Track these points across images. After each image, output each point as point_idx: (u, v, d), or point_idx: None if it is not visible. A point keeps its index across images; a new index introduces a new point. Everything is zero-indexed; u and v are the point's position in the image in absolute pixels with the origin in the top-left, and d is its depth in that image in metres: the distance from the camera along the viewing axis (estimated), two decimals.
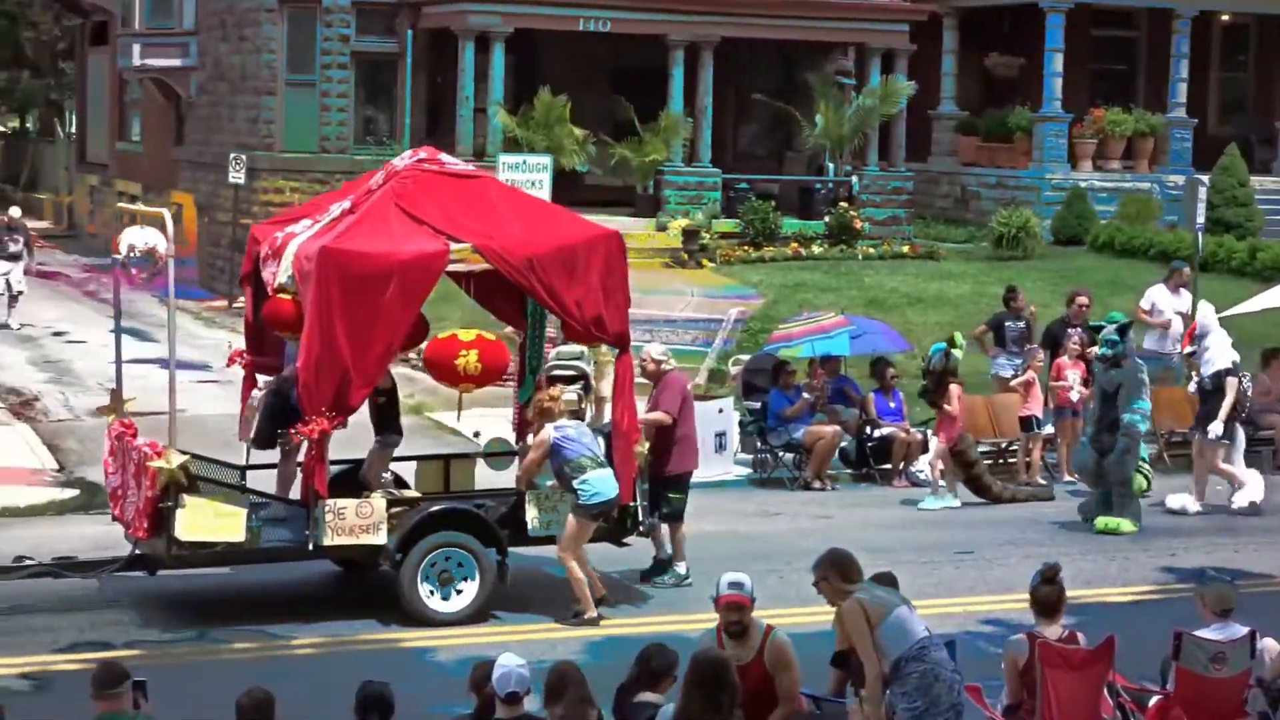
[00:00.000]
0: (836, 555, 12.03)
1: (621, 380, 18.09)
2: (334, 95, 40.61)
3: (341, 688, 11.73)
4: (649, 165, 39.56)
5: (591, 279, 17.68)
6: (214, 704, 12.79)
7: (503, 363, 18.44)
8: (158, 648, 16.44)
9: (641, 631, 16.21)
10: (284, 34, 40.52)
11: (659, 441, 18.87)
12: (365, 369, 16.97)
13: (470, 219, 17.56)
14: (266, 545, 17.18)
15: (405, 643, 16.85)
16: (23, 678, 15.54)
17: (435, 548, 17.27)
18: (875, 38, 41.61)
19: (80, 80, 57.20)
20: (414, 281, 17.04)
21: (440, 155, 18.48)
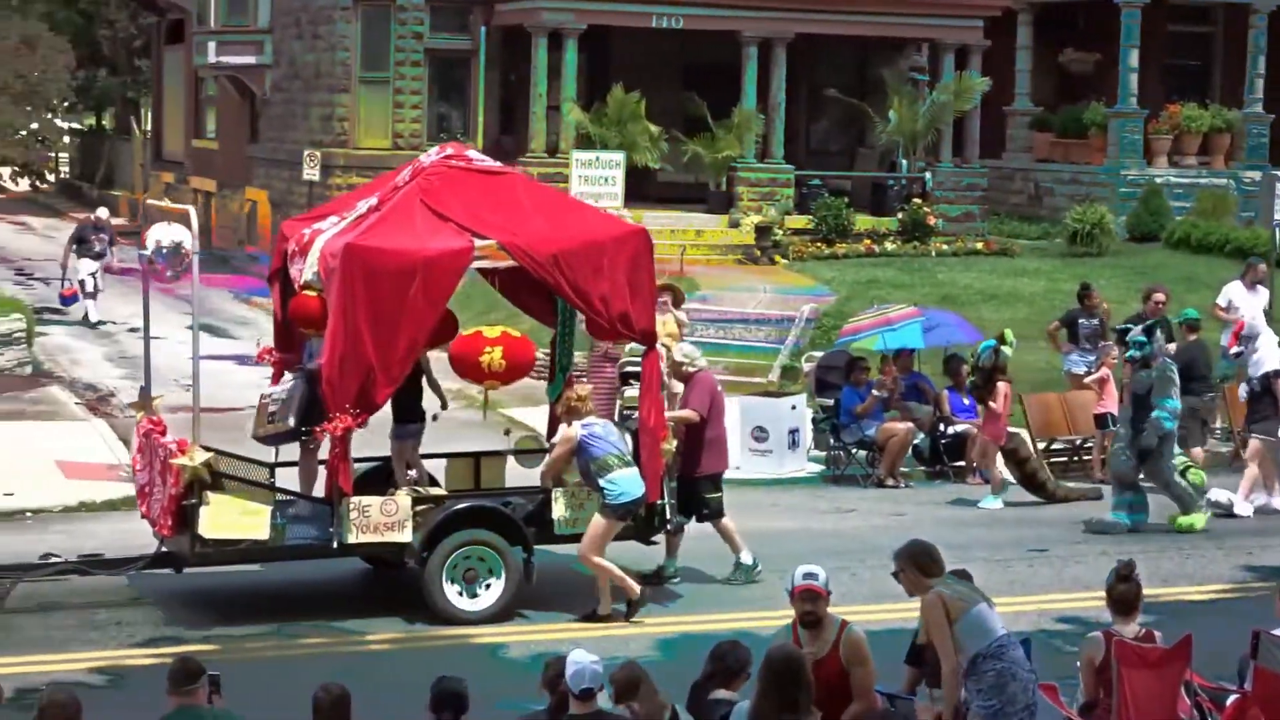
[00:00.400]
0: (915, 548, 11.97)
1: (648, 378, 17.92)
2: (407, 92, 40.71)
3: (415, 684, 11.76)
4: (722, 162, 39.51)
5: (618, 275, 17.56)
6: (287, 700, 12.84)
7: (528, 359, 18.21)
8: (232, 643, 16.49)
9: (712, 629, 16.17)
10: (358, 31, 40.66)
11: (689, 442, 18.79)
12: (390, 366, 16.89)
13: (496, 215, 17.46)
14: (291, 543, 17.14)
15: (478, 639, 16.85)
16: (97, 672, 15.60)
17: (460, 546, 17.19)
18: (949, 33, 41.44)
19: (156, 78, 57.53)
20: (438, 278, 16.97)
21: (467, 151, 18.46)
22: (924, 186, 40.79)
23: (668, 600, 18.25)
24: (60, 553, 17.90)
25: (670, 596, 18.39)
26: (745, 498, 23.14)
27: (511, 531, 17.43)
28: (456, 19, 41.04)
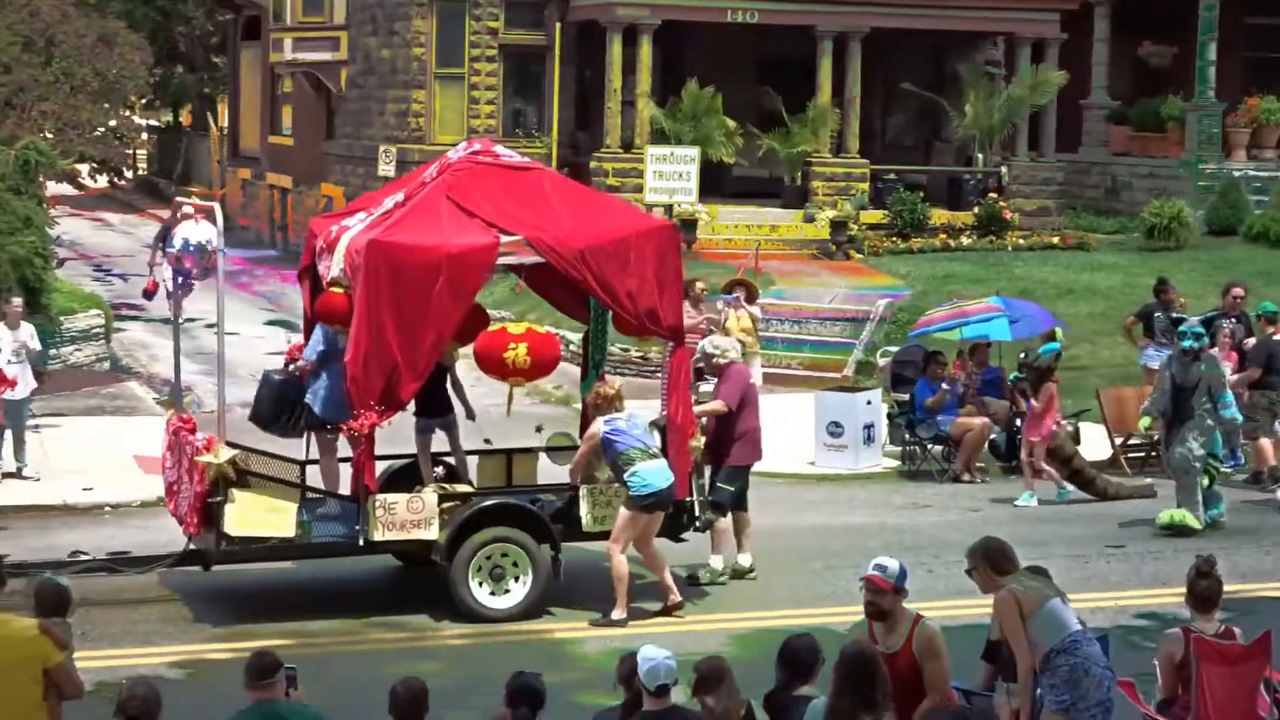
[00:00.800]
0: (989, 544, 11.92)
1: (675, 374, 17.85)
2: (482, 88, 40.82)
3: (490, 678, 11.78)
4: (797, 156, 39.47)
5: (645, 271, 17.43)
6: (364, 694, 12.90)
7: (553, 356, 17.82)
8: (308, 637, 16.58)
9: (787, 625, 16.13)
10: (433, 27, 40.79)
11: (720, 435, 18.66)
12: (415, 362, 16.83)
13: (522, 211, 17.37)
14: (317, 540, 17.10)
15: (554, 634, 16.90)
16: (176, 666, 15.72)
17: (487, 543, 17.12)
18: (1025, 27, 41.28)
19: (232, 74, 57.84)
20: (463, 274, 16.90)
21: (495, 147, 18.34)
22: (1000, 181, 40.64)
23: (743, 595, 18.24)
24: (124, 549, 18.09)
25: (746, 591, 18.38)
26: (821, 493, 23.17)
27: (538, 529, 17.36)
28: (531, 14, 41.11)
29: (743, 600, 18.10)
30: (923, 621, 11.64)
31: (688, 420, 17.75)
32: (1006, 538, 12.19)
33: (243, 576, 18.08)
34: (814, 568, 19.27)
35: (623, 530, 17.02)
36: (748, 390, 19.03)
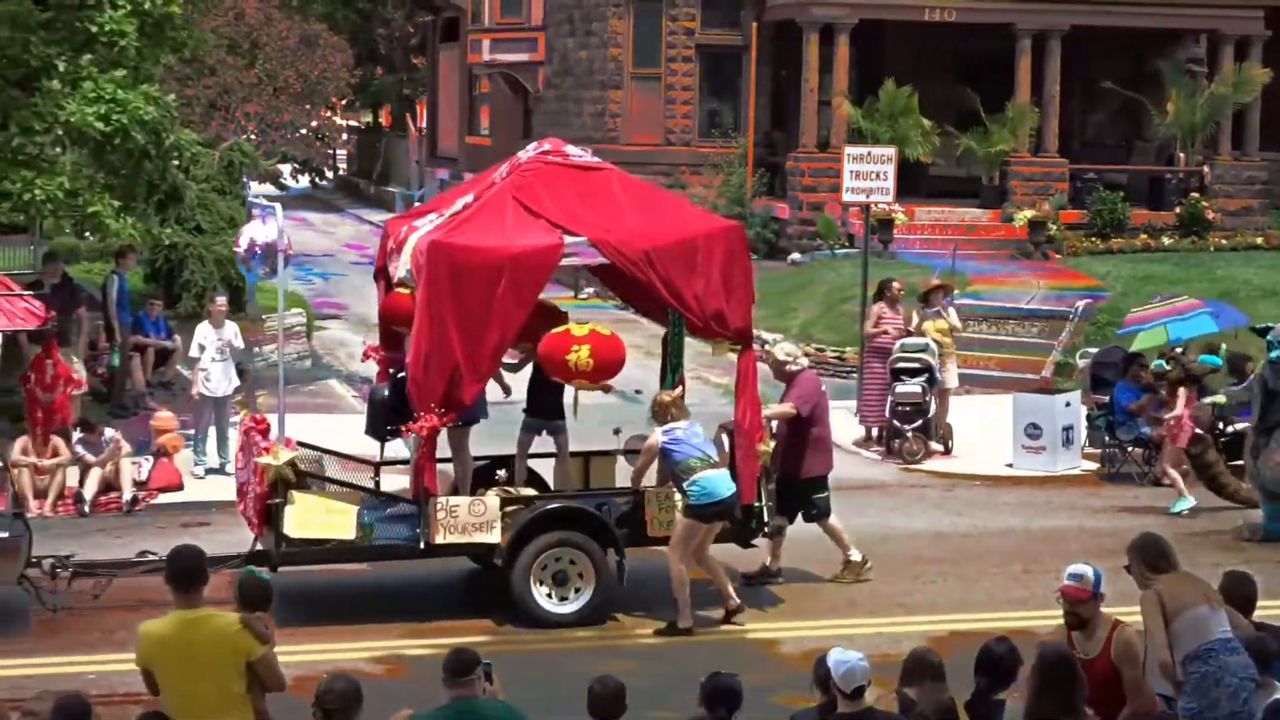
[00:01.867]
0: (1145, 541, 11.76)
1: (743, 378, 17.44)
2: (678, 88, 40.92)
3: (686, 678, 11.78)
4: (995, 156, 39.16)
5: (712, 273, 17.16)
6: (561, 692, 12.94)
7: (617, 358, 17.23)
8: (506, 634, 16.69)
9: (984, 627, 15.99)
10: (630, 28, 40.94)
11: (792, 442, 18.43)
12: (477, 364, 16.68)
13: (589, 212, 17.17)
14: (379, 543, 17.06)
15: (752, 634, 16.89)
16: (376, 661, 15.90)
17: (549, 548, 16.95)
18: (1228, 24, 40.64)
19: (431, 75, 58.40)
20: (526, 275, 16.70)
21: (565, 147, 18.16)
22: (1202, 180, 40.05)
23: (938, 598, 18.12)
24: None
25: (944, 594, 18.26)
26: (1018, 495, 22.95)
27: (602, 534, 17.16)
28: (727, 14, 41.13)
29: (941, 603, 17.98)
30: (1122, 627, 11.49)
31: (755, 425, 17.44)
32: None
33: (448, 570, 18.22)
34: (1012, 571, 19.10)
35: (682, 539, 16.82)
36: (819, 397, 18.76)
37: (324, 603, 17.58)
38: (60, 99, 22.28)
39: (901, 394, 24.60)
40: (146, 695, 10.97)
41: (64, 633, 16.63)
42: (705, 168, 40.23)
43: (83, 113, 22.05)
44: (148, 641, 10.55)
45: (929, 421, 24.70)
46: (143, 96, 22.56)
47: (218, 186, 34.03)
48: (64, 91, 22.38)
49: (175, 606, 10.60)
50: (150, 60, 23.59)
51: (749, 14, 40.73)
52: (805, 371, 18.89)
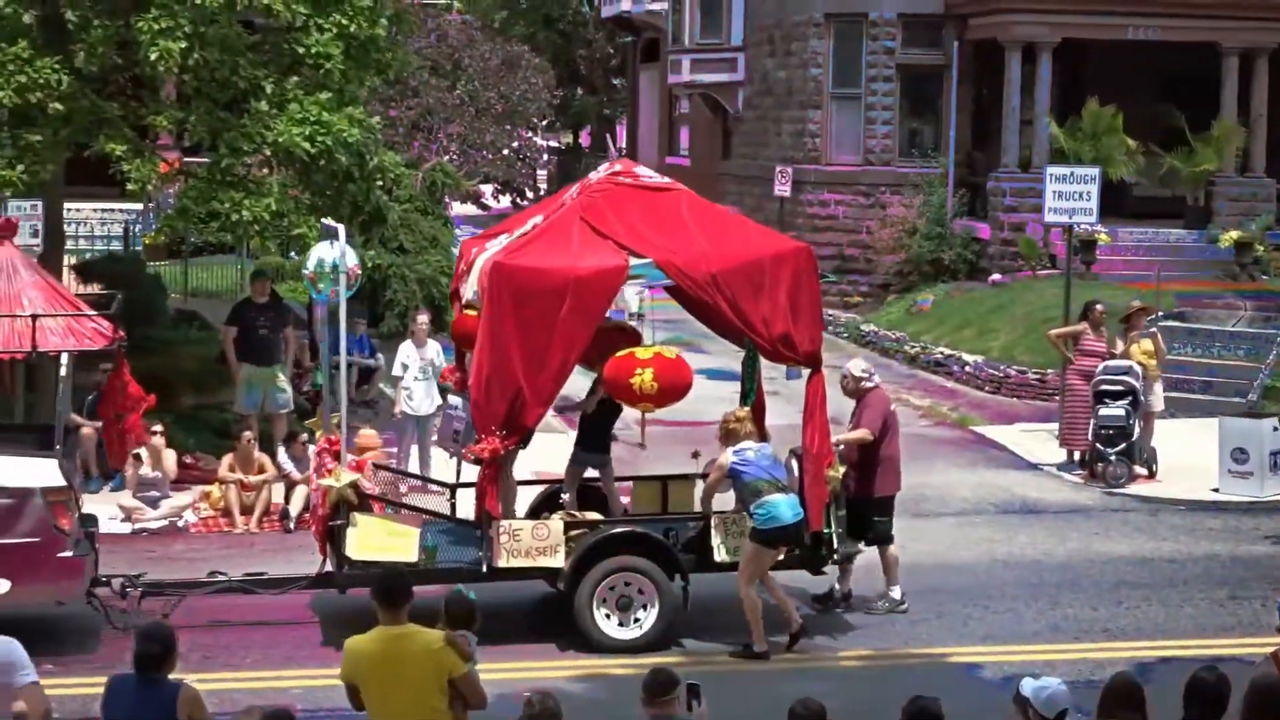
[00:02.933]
0: None
1: (812, 402, 17.16)
2: (879, 108, 40.74)
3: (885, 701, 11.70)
4: (1200, 175, 38.58)
5: (779, 295, 16.93)
6: (762, 714, 12.93)
7: (682, 382, 17.02)
8: (707, 655, 16.69)
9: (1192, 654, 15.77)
10: (830, 48, 40.86)
11: (862, 462, 18.15)
12: (540, 387, 16.50)
13: (656, 233, 16.98)
14: (442, 566, 16.92)
15: (953, 658, 16.78)
16: (578, 680, 15.96)
17: (612, 572, 16.77)
18: None
19: (631, 96, 58.66)
20: (590, 297, 16.53)
21: (636, 168, 18.05)
22: None
23: (1142, 623, 17.88)
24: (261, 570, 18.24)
25: (1144, 619, 18.01)
26: (1223, 521, 22.58)
27: (666, 559, 16.95)
28: (928, 34, 40.91)
29: (1145, 628, 17.74)
30: None
31: (824, 450, 17.19)
32: None
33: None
34: (1218, 597, 18.83)
35: (749, 565, 16.63)
36: (889, 416, 18.51)
37: (527, 619, 17.63)
38: (268, 121, 22.61)
39: (1105, 417, 24.30)
40: None
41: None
42: (905, 188, 40.04)
43: (290, 134, 22.36)
44: (353, 656, 10.68)
45: (1133, 445, 24.37)
46: (347, 118, 22.83)
47: (420, 207, 34.41)
48: (271, 113, 22.70)
49: (380, 622, 10.71)
50: (355, 82, 23.86)
51: (950, 33, 40.50)
52: (877, 390, 18.66)
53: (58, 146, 23.00)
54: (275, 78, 23.06)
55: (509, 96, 44.63)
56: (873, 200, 40.41)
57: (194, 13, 22.13)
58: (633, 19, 54.58)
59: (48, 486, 16.34)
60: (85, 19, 22.51)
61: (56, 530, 16.34)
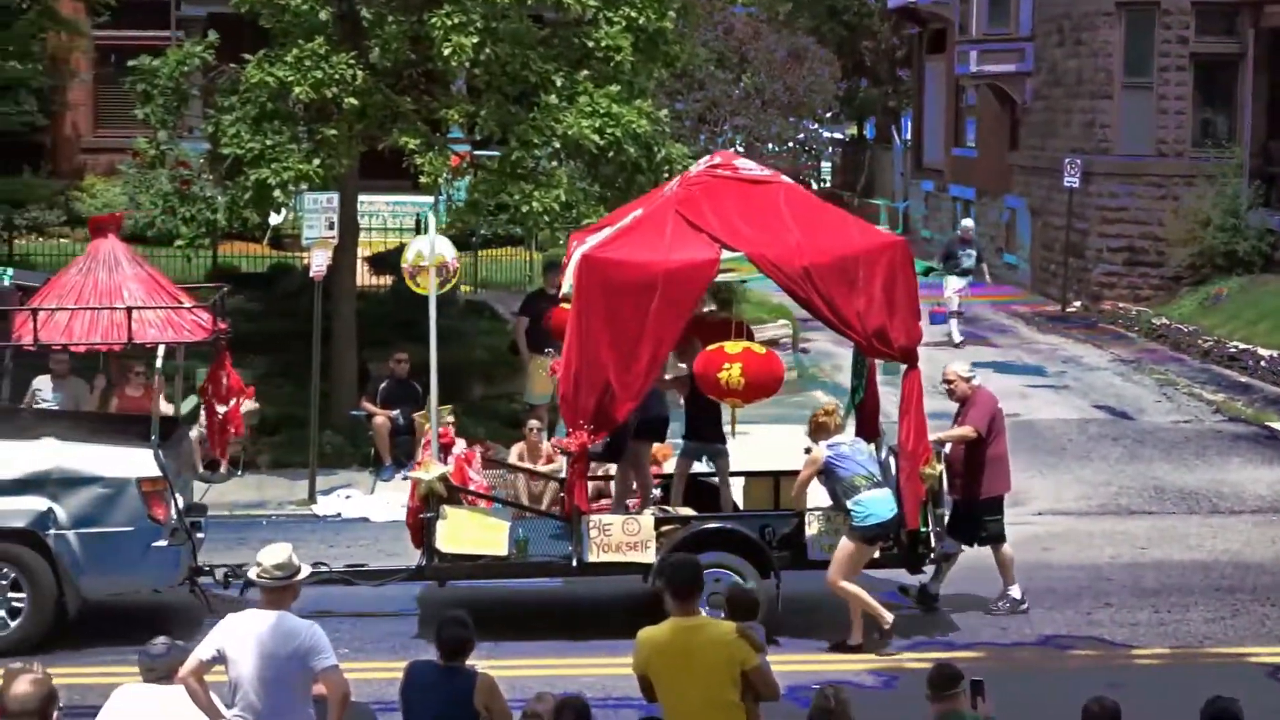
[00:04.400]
0: None
1: (908, 398, 16.79)
2: (1171, 98, 39.97)
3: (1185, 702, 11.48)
4: None
5: (873, 289, 16.61)
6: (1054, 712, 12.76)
7: (772, 377, 16.85)
8: (1000, 650, 16.52)
9: None
10: (1120, 37, 40.18)
11: (969, 463, 17.81)
12: (629, 382, 16.34)
13: (751, 227, 16.74)
14: (533, 560, 16.93)
15: (1253, 658, 16.43)
16: (873, 673, 15.90)
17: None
18: None
19: (917, 87, 58.22)
20: (680, 291, 16.36)
21: (735, 160, 17.77)
22: None
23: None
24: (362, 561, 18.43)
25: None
26: None
27: (757, 556, 16.67)
28: (1222, 22, 40.03)
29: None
30: None
31: (920, 447, 16.78)
32: None
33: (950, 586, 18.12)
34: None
35: (845, 562, 16.37)
36: (996, 415, 18.08)
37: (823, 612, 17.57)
38: (557, 113, 22.83)
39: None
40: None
41: None
42: (1198, 179, 39.24)
43: (579, 126, 22.57)
44: (645, 647, 10.71)
45: None
46: (636, 110, 22.98)
47: None
48: (561, 106, 22.92)
49: (673, 614, 10.72)
50: (643, 74, 24.02)
51: (1245, 21, 39.56)
52: (982, 389, 18.33)
53: (353, 140, 23.45)
54: (565, 71, 23.29)
55: (794, 88, 44.55)
56: (1165, 191, 39.66)
57: (486, 8, 22.45)
58: (919, 10, 54.15)
59: (143, 477, 16.64)
60: (380, 15, 22.93)
61: (151, 520, 16.64)
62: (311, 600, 17.23)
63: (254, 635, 10.51)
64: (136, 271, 17.71)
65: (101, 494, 16.52)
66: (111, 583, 16.88)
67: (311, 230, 23.11)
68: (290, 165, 22.48)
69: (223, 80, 24.27)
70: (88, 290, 17.36)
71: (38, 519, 16.40)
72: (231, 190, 23.36)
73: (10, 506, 16.44)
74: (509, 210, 23.52)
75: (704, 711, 10.55)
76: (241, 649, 10.49)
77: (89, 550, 16.46)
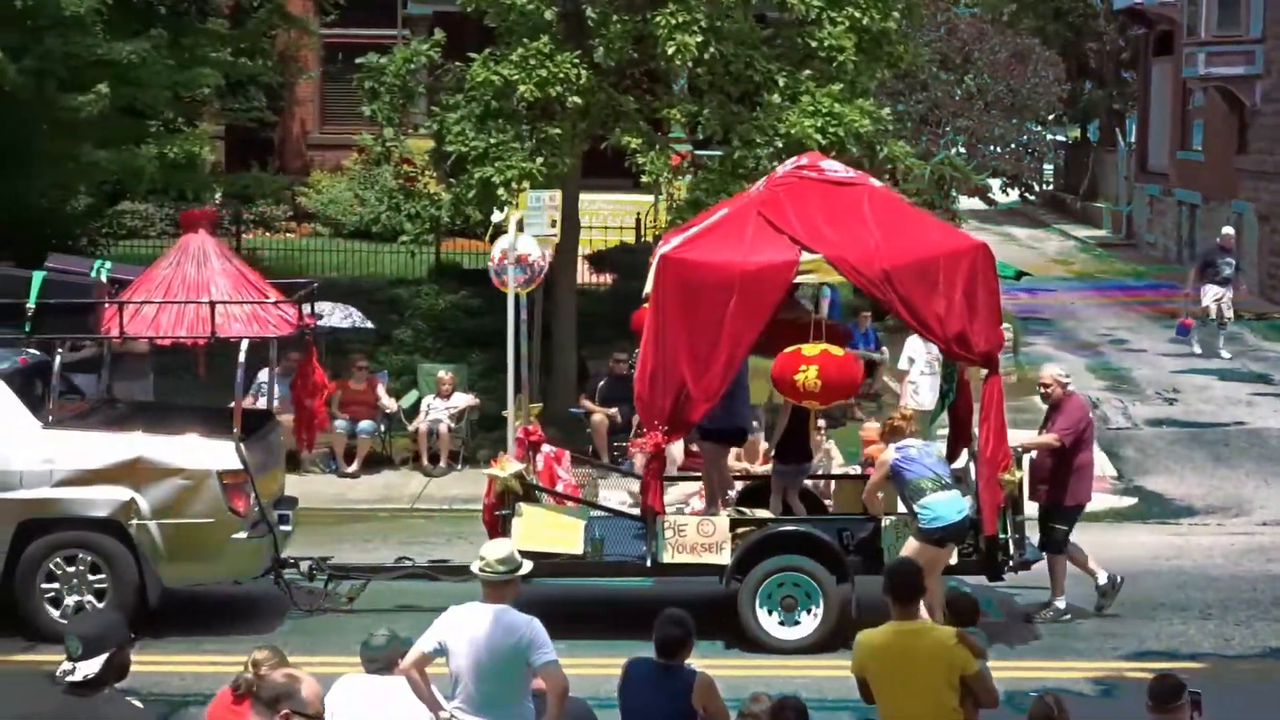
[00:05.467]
0: None
1: (988, 404, 16.50)
2: None
3: None
4: None
5: (954, 293, 16.32)
6: None
7: (848, 379, 16.88)
8: (1223, 662, 16.27)
9: None
10: None
11: (1055, 468, 17.52)
12: (706, 384, 16.24)
13: (832, 229, 16.54)
14: (608, 559, 16.92)
15: None
16: (1092, 681, 15.75)
17: (776, 571, 16.39)
18: None
19: (1142, 89, 57.47)
20: (758, 292, 16.19)
21: (822, 161, 17.54)
22: None
23: None
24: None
25: None
26: None
27: (832, 560, 16.51)
28: None
29: None
30: None
31: (999, 453, 16.46)
32: None
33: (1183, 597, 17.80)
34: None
35: None
36: (1085, 424, 17.77)
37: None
38: (780, 113, 22.82)
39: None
40: None
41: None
42: None
43: (802, 125, 22.55)
44: (864, 650, 10.66)
45: None
46: (858, 110, 22.92)
47: (929, 200, 34.27)
48: (783, 105, 22.91)
49: (894, 618, 10.66)
50: (866, 75, 23.93)
51: None
52: (1074, 397, 18.05)
53: (575, 139, 23.59)
54: (788, 71, 23.27)
55: (1018, 90, 44.14)
56: None
57: (710, 7, 22.51)
58: (1145, 11, 53.43)
59: (224, 469, 16.89)
60: (604, 14, 23.04)
61: (231, 512, 16.89)
62: (396, 594, 17.83)
63: (475, 629, 10.59)
64: (225, 266, 18.05)
65: (182, 485, 16.87)
66: (191, 572, 17.26)
67: (534, 228, 23.26)
68: (513, 164, 22.66)
69: (448, 78, 24.54)
70: (176, 284, 17.75)
71: (120, 508, 16.76)
72: (456, 188, 23.59)
73: (95, 496, 16.80)
74: None
75: (922, 717, 10.48)
76: (463, 642, 10.58)
77: (169, 540, 16.83)
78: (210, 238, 18.38)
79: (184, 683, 15.43)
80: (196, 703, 14.07)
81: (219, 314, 17.22)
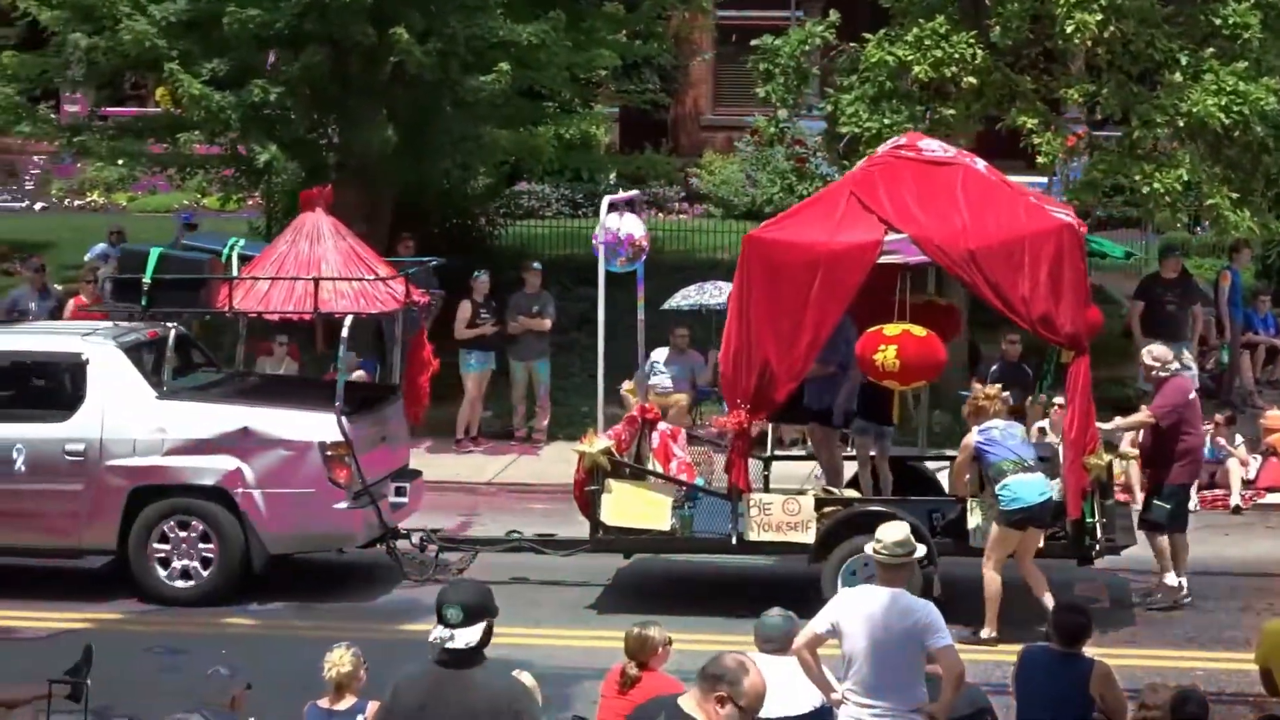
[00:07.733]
0: None
1: (1073, 386, 16.25)
2: None
3: None
4: None
5: (1039, 274, 16.07)
6: None
7: (930, 360, 16.38)
8: None
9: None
10: None
11: (1158, 449, 17.27)
12: (790, 363, 16.27)
13: (921, 209, 16.39)
14: (695, 536, 17.09)
15: None
16: None
17: (856, 552, 15.90)
18: None
19: None
20: (842, 273, 16.16)
21: (920, 141, 17.21)
22: None
23: None
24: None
25: None
26: None
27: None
28: None
29: None
30: None
31: (1085, 435, 16.05)
32: None
33: None
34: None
35: (994, 547, 15.93)
36: (1186, 406, 17.14)
37: None
38: (1181, 92, 22.39)
39: None
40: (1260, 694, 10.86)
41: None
42: None
43: (1204, 105, 22.09)
44: (1271, 639, 10.44)
45: None
46: (1265, 88, 22.37)
47: None
48: (1185, 84, 22.48)
49: None
50: (1273, 52, 23.34)
51: None
52: (1175, 378, 17.49)
53: (970, 120, 23.47)
54: (1190, 49, 22.82)
55: None
56: None
57: None
58: None
59: (325, 441, 17.39)
60: None
61: (332, 483, 17.39)
62: (508, 566, 18.14)
63: (870, 611, 10.62)
64: (338, 244, 18.56)
65: (286, 456, 17.47)
66: (294, 541, 17.83)
67: None
68: None
69: (842, 59, 24.56)
70: (289, 261, 18.37)
71: (227, 477, 17.41)
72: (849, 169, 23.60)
73: (203, 464, 17.49)
74: (1125, 191, 23.22)
75: None
76: (857, 624, 10.61)
77: (273, 508, 17.42)
78: (326, 216, 18.93)
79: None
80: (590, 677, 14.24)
81: (325, 290, 17.85)
